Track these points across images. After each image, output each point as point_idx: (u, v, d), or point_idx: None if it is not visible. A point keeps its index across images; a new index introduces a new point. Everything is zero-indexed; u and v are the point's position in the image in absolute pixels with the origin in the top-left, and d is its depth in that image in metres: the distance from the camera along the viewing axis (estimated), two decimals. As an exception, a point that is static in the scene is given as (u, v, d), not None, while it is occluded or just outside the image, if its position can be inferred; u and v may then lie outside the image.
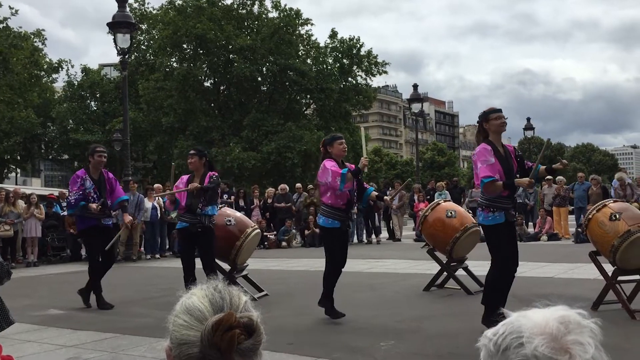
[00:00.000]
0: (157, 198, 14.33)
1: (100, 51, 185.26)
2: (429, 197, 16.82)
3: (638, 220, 5.80)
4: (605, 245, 5.80)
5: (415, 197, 17.26)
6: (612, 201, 6.35)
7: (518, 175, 5.44)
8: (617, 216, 5.76)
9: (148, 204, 13.90)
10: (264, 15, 34.70)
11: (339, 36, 34.84)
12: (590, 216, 6.04)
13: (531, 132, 31.47)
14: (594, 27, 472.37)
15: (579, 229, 13.10)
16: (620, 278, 5.85)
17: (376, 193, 6.47)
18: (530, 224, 17.24)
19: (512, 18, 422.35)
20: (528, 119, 30.58)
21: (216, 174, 6.99)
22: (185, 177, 7.11)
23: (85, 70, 38.72)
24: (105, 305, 7.13)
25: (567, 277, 8.47)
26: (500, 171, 5.21)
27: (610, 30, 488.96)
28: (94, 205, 7.00)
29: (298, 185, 18.67)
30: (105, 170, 7.57)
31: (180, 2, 33.64)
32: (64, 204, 13.39)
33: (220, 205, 9.05)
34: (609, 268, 5.93)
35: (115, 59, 15.71)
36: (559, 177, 17.15)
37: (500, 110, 5.46)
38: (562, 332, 0.89)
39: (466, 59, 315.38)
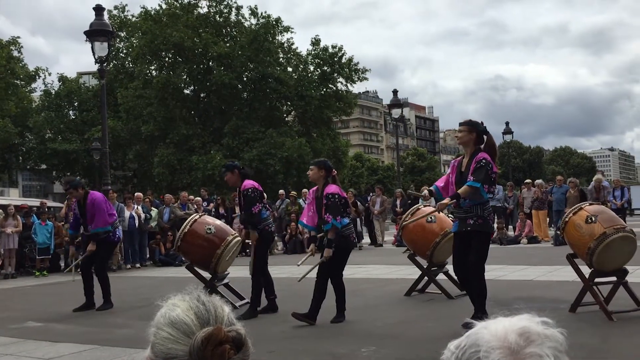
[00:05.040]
0: (135, 207, 14.19)
1: (72, 59, 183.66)
2: (410, 201, 16.89)
3: (613, 222, 5.88)
4: (582, 247, 5.87)
5: (397, 202, 17.35)
6: (588, 204, 6.43)
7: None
8: (593, 219, 5.83)
9: (127, 213, 13.77)
10: (241, 24, 34.70)
11: (321, 44, 34.95)
12: (567, 219, 6.10)
13: (510, 136, 31.83)
14: (562, 33, 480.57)
15: (558, 232, 13.26)
16: (597, 280, 5.92)
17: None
18: (511, 227, 17.40)
19: (482, 25, 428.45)
20: (507, 123, 30.91)
21: (249, 187, 6.86)
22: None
23: (62, 78, 38.29)
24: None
25: (546, 280, 8.56)
26: (448, 181, 5.90)
27: (579, 35, 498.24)
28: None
29: (281, 191, 18.67)
30: (90, 199, 8.04)
31: (154, 13, 33.52)
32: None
33: (201, 213, 9.03)
34: (587, 270, 6.00)
35: (92, 66, 15.60)
36: (538, 181, 17.38)
37: (461, 124, 5.79)
38: (521, 345, 0.87)
39: (439, 65, 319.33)
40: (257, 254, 6.93)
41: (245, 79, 34.32)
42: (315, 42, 34.85)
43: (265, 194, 7.23)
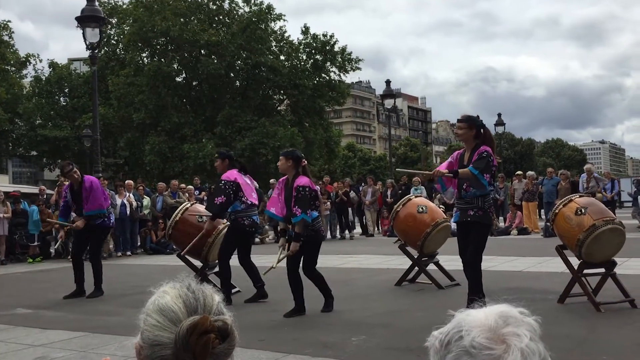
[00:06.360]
0: (127, 194, 14.14)
1: (61, 45, 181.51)
2: (401, 191, 16.93)
3: (603, 214, 5.92)
4: (571, 239, 5.91)
5: (388, 193, 17.37)
6: (578, 196, 6.47)
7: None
8: (583, 211, 5.87)
9: (118, 200, 13.72)
10: (234, 11, 34.47)
11: (311, 32, 34.77)
12: (557, 211, 6.14)
13: (502, 128, 31.93)
14: (554, 25, 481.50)
15: (548, 223, 13.34)
16: (585, 271, 5.96)
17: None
18: (501, 218, 17.49)
19: (473, 16, 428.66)
20: (499, 115, 31.04)
21: (224, 179, 6.88)
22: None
23: (53, 65, 37.93)
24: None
25: (535, 271, 8.62)
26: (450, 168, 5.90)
27: (570, 28, 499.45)
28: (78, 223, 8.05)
29: (272, 181, 18.62)
30: (88, 180, 7.99)
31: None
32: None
33: (192, 202, 9.02)
34: (575, 261, 6.04)
35: (81, 53, 15.50)
36: (529, 172, 17.46)
37: (460, 121, 5.85)
38: (500, 325, 0.94)
39: (431, 56, 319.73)
40: (226, 242, 7.02)
41: (237, 67, 34.13)
42: (305, 30, 34.67)
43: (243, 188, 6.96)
